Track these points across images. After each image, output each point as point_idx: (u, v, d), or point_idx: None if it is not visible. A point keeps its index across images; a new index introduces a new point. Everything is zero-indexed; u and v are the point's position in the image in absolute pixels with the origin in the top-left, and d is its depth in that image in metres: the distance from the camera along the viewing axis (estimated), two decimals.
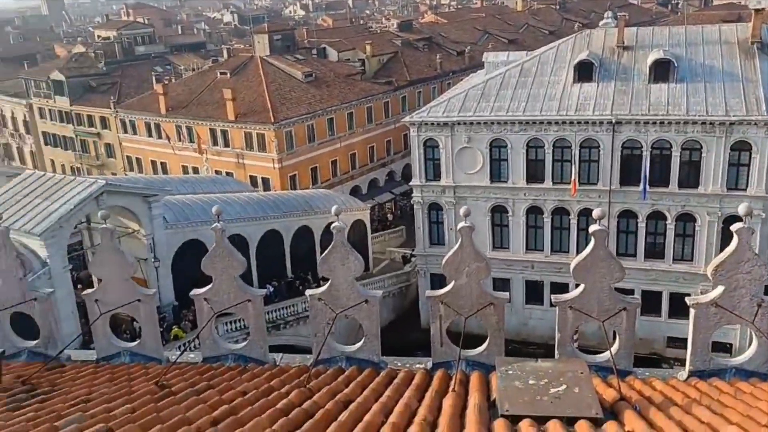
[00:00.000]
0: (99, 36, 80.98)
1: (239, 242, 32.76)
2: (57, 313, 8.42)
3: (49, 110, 66.91)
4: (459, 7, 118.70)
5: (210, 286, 8.41)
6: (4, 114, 74.25)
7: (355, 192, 54.29)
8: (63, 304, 26.51)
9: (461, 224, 7.78)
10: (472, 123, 36.72)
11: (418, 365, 8.23)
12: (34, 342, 8.35)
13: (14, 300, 8.04)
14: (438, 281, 36.57)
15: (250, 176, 50.85)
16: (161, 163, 57.32)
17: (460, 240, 7.85)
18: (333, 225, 8.01)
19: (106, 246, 8.29)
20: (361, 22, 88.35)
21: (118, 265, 8.26)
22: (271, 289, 34.78)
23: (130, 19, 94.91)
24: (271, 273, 36.84)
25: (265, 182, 50.49)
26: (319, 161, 52.79)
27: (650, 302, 33.96)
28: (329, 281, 8.24)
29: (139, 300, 8.41)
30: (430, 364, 8.11)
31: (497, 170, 37.30)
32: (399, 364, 8.29)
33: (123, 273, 8.30)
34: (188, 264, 32.12)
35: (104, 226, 8.25)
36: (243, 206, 37.12)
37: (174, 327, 32.03)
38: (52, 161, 68.82)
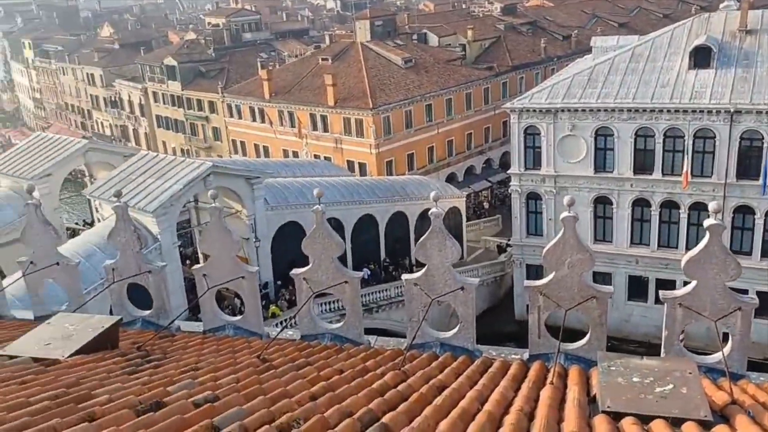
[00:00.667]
0: (209, 23, 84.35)
1: (335, 225, 33.42)
2: (168, 286, 8.92)
3: (162, 94, 70.65)
4: None
5: (309, 266, 8.62)
6: (122, 97, 79.10)
7: (451, 179, 54.00)
8: (172, 277, 28.04)
9: (565, 214, 7.54)
10: (576, 110, 35.52)
11: (513, 356, 8.10)
12: (147, 312, 8.88)
13: (131, 271, 8.58)
14: (534, 272, 35.90)
15: (348, 161, 51.68)
16: (263, 146, 59.30)
17: (562, 230, 7.63)
18: (431, 211, 7.99)
19: (215, 224, 8.66)
20: (464, 6, 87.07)
21: (225, 243, 8.62)
22: (369, 272, 35.29)
23: (238, 6, 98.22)
24: (366, 257, 37.38)
25: (362, 167, 51.16)
26: (415, 147, 52.84)
27: (766, 304, 31.76)
28: (425, 266, 8.24)
29: (243, 277, 8.75)
30: (526, 356, 7.96)
31: (602, 160, 35.93)
32: (494, 354, 8.19)
33: (229, 251, 8.65)
34: (286, 244, 33.19)
35: (213, 205, 8.62)
36: (340, 190, 37.79)
37: (272, 305, 33.19)
38: (164, 143, 72.75)
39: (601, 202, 36.59)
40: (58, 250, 8.68)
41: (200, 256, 35.31)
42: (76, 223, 43.29)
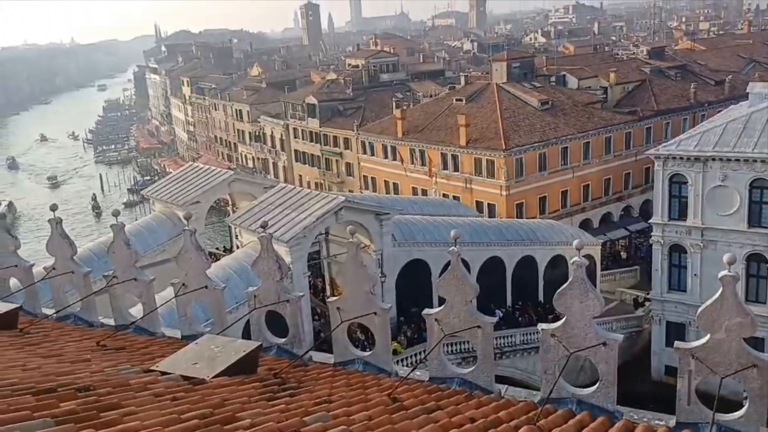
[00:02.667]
0: (349, 64, 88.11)
1: None
2: (303, 315, 9.14)
3: (302, 130, 74.34)
4: (720, 33, 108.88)
5: (442, 307, 8.50)
6: (265, 132, 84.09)
7: (585, 226, 52.01)
8: (306, 307, 28.94)
9: (724, 273, 6.93)
10: (729, 159, 33.17)
11: (658, 421, 7.47)
12: (283, 340, 9.13)
13: (271, 299, 8.88)
14: (675, 330, 33.64)
15: (477, 201, 51.34)
16: (393, 183, 60.43)
17: (720, 290, 7.01)
18: (573, 260, 7.64)
19: (352, 259, 8.79)
20: (606, 49, 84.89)
21: (360, 278, 8.71)
22: (501, 315, 34.59)
23: (377, 48, 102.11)
24: (491, 300, 36.63)
25: (491, 208, 50.60)
26: (548, 191, 51.57)
27: None
28: (564, 317, 7.86)
29: (375, 313, 8.79)
30: (672, 422, 7.31)
31: (757, 214, 33.19)
32: (636, 417, 7.59)
33: (364, 285, 8.74)
34: (411, 282, 33.30)
35: (351, 240, 8.78)
36: (468, 230, 37.48)
37: (393, 341, 33.29)
38: (300, 176, 76.23)
39: (755, 260, 33.63)
40: (207, 274, 9.18)
41: (327, 287, 36.28)
42: (217, 248, 46.10)
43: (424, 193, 55.68)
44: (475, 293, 8.36)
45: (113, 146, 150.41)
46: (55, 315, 9.72)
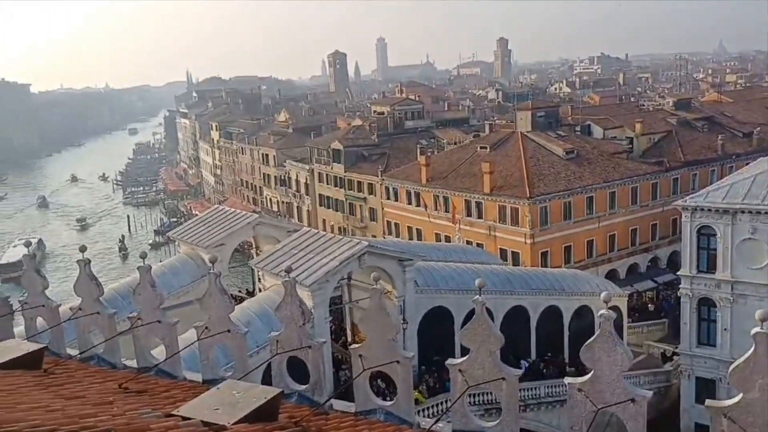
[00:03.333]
0: (375, 110, 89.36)
1: None
2: (325, 362, 9.05)
3: (327, 175, 75.11)
4: (747, 85, 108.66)
5: (466, 357, 8.37)
6: (291, 176, 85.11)
7: (611, 276, 51.28)
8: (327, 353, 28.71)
9: (756, 329, 6.74)
10: (759, 212, 32.67)
11: None
12: (304, 386, 9.03)
13: (293, 344, 8.83)
14: (705, 386, 32.65)
15: (501, 249, 51.02)
16: (417, 229, 60.44)
17: (753, 347, 6.81)
18: (600, 312, 7.49)
19: (375, 305, 8.74)
20: (632, 100, 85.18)
21: (383, 325, 8.64)
22: (527, 366, 33.92)
23: (403, 96, 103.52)
24: (515, 351, 35.98)
25: (515, 256, 50.22)
26: (573, 240, 51.13)
27: None
28: (591, 371, 7.68)
29: (398, 361, 8.68)
30: None
31: None
32: None
33: (387, 333, 8.65)
34: (433, 329, 32.92)
35: (375, 287, 8.73)
36: (491, 278, 37.13)
37: (414, 390, 32.72)
38: (324, 220, 76.67)
39: None
40: (230, 318, 9.19)
41: (348, 333, 36.01)
42: (239, 291, 46.20)
43: (448, 239, 55.55)
44: (500, 344, 8.23)
45: (142, 188, 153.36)
46: (79, 356, 9.77)
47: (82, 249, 10.00)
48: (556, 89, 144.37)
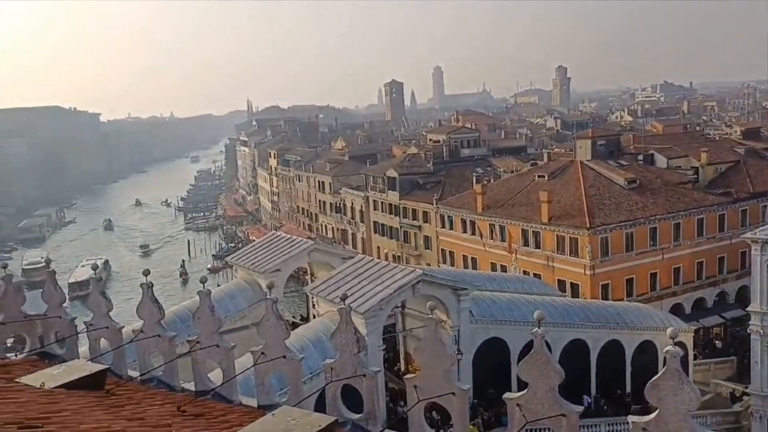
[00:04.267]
0: (430, 139, 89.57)
1: None
2: (379, 391, 8.95)
3: (381, 203, 75.40)
4: None
5: (524, 391, 8.13)
6: (346, 204, 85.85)
7: (676, 311, 49.36)
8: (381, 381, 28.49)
9: None
10: None
11: None
12: (358, 416, 8.94)
13: (347, 372, 8.77)
14: None
15: (559, 280, 49.88)
16: (472, 258, 59.78)
17: None
18: (666, 349, 7.14)
19: (431, 336, 8.61)
20: (697, 128, 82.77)
21: (438, 356, 8.49)
22: (589, 402, 32.85)
23: (459, 124, 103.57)
24: (574, 386, 34.89)
25: (574, 288, 49.00)
26: (636, 272, 49.57)
27: None
28: (656, 410, 7.33)
29: (453, 393, 8.50)
30: None
31: None
32: None
33: (443, 364, 8.50)
34: (488, 361, 32.27)
35: (431, 316, 8.62)
36: (550, 310, 36.25)
37: (470, 424, 32.07)
38: (378, 248, 76.76)
39: None
40: (286, 344, 9.21)
41: (401, 361, 35.70)
42: (293, 317, 46.57)
43: (503, 269, 54.70)
44: (560, 379, 7.96)
45: (202, 213, 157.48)
46: (139, 377, 9.96)
47: (146, 273, 10.24)
48: (616, 117, 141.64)
